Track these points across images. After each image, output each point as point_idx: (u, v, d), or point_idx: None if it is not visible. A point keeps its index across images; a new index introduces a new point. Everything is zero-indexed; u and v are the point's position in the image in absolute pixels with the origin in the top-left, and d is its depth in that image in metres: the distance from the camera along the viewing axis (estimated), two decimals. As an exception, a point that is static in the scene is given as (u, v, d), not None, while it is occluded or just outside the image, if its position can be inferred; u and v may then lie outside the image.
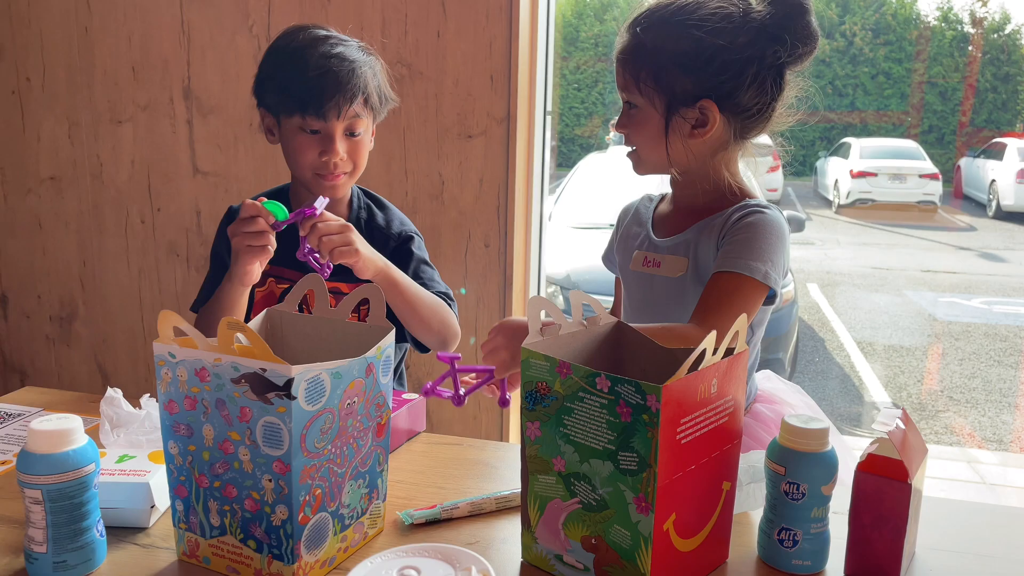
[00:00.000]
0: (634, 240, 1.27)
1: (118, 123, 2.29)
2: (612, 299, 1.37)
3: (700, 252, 1.16)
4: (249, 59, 2.15)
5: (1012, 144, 12.69)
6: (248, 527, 0.80)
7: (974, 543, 0.92)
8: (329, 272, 1.17)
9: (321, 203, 1.17)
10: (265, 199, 1.17)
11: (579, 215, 4.79)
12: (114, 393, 1.03)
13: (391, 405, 0.89)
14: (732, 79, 1.09)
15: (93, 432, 0.99)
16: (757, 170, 1.25)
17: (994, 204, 12.21)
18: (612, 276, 1.37)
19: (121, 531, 0.90)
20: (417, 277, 1.36)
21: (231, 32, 2.15)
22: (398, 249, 1.39)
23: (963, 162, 14.16)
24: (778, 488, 0.84)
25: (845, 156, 13.04)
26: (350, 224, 1.20)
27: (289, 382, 0.73)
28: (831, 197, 13.06)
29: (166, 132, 2.26)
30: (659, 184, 1.30)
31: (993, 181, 12.35)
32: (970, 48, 16.19)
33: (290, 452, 0.75)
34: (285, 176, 2.14)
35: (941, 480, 3.55)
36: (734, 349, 0.81)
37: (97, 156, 2.33)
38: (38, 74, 2.31)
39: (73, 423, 0.79)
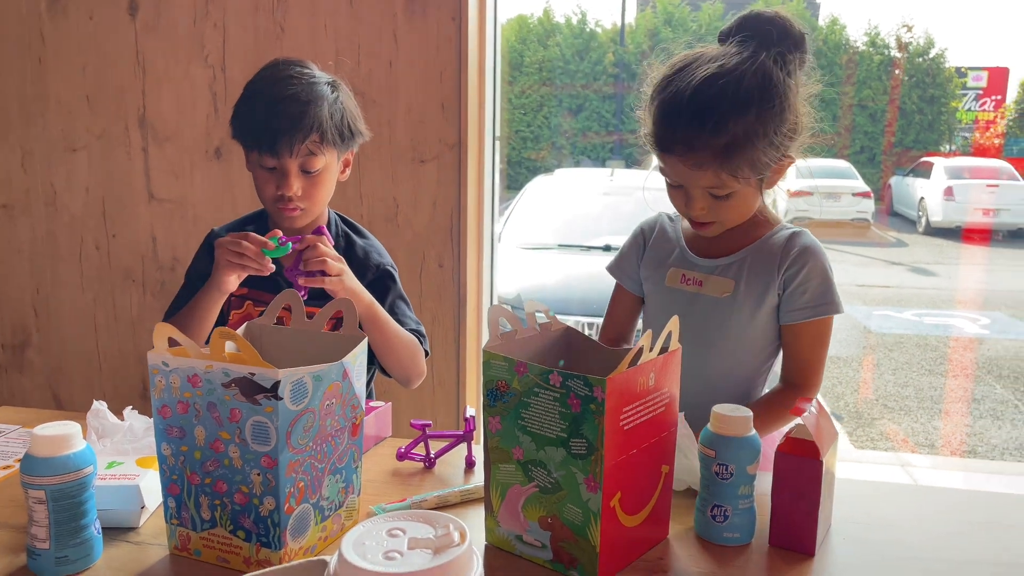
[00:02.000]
0: (667, 256, 1.32)
1: (72, 151, 2.32)
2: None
3: (750, 276, 1.24)
4: (204, 88, 2.21)
5: (939, 163, 13.29)
6: (238, 519, 0.88)
7: (883, 517, 1.05)
8: (304, 293, 1.27)
9: (327, 231, 1.33)
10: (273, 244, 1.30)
11: (527, 236, 4.92)
12: (99, 406, 1.10)
13: (364, 407, 0.98)
14: (792, 129, 1.15)
15: (78, 443, 1.05)
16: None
17: (923, 221, 12.74)
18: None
19: (113, 531, 0.97)
20: (393, 312, 1.44)
21: (186, 63, 2.21)
22: (375, 282, 1.45)
23: (893, 181, 14.74)
24: (710, 469, 0.95)
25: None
26: (344, 262, 1.32)
27: (276, 384, 0.82)
28: (770, 216, 13.50)
29: (121, 160, 2.30)
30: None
31: (922, 199, 12.89)
32: (896, 72, 16.91)
33: (277, 448, 0.83)
34: (241, 201, 2.23)
35: (877, 484, 3.73)
36: (668, 347, 0.92)
37: (51, 184, 2.35)
38: (-10, 104, 2.33)
39: (73, 429, 0.86)
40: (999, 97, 18.58)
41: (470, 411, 1.20)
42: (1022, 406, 5.08)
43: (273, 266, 1.29)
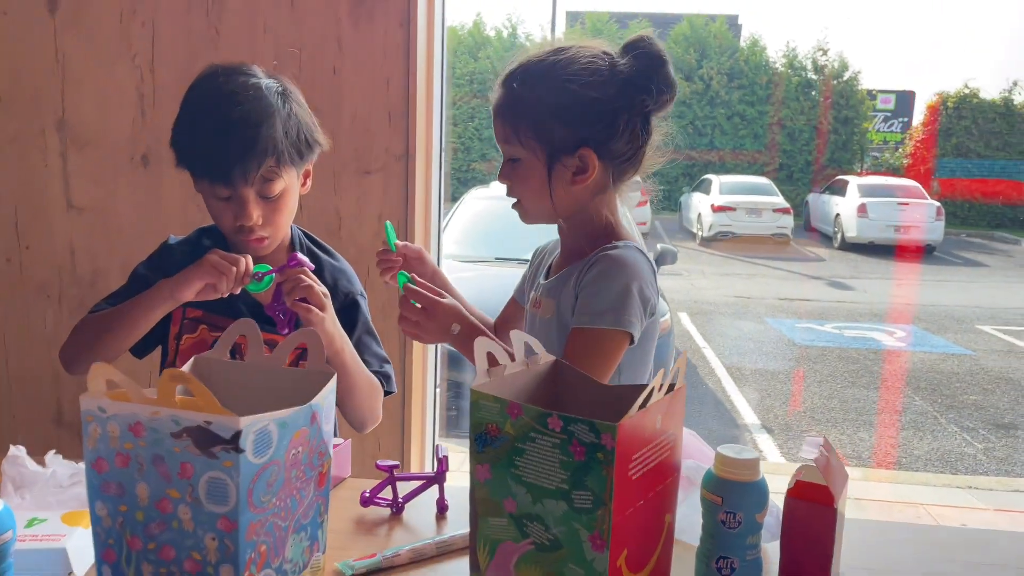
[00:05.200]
0: (534, 282, 1.33)
1: (-19, 155, 2.13)
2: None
3: (562, 296, 1.20)
4: (131, 90, 2.05)
5: (853, 181, 13.84)
6: (188, 590, 0.75)
7: (889, 560, 1.00)
8: (288, 330, 1.15)
9: (305, 259, 1.21)
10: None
11: (463, 248, 4.82)
12: (17, 451, 0.95)
13: (331, 453, 0.87)
14: (606, 128, 1.15)
15: (-10, 495, 0.91)
16: (629, 205, 1.30)
17: (839, 236, 13.21)
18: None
19: (34, 603, 0.83)
20: (359, 347, 1.32)
21: (110, 63, 2.05)
22: (342, 312, 1.31)
23: (811, 198, 15.27)
24: (715, 517, 0.87)
25: (706, 192, 13.80)
26: (330, 298, 1.21)
27: (237, 434, 0.70)
28: (695, 230, 13.76)
29: (36, 165, 2.12)
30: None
31: (838, 215, 13.36)
32: (813, 93, 17.55)
33: (237, 508, 0.72)
34: (169, 212, 2.08)
35: (873, 523, 3.77)
36: (675, 385, 0.84)
37: (-43, 190, 2.15)
38: None
39: (-13, 488, 0.73)
40: (906, 119, 19.52)
41: (443, 450, 1.10)
42: (941, 417, 5.23)
43: (238, 290, 1.17)
